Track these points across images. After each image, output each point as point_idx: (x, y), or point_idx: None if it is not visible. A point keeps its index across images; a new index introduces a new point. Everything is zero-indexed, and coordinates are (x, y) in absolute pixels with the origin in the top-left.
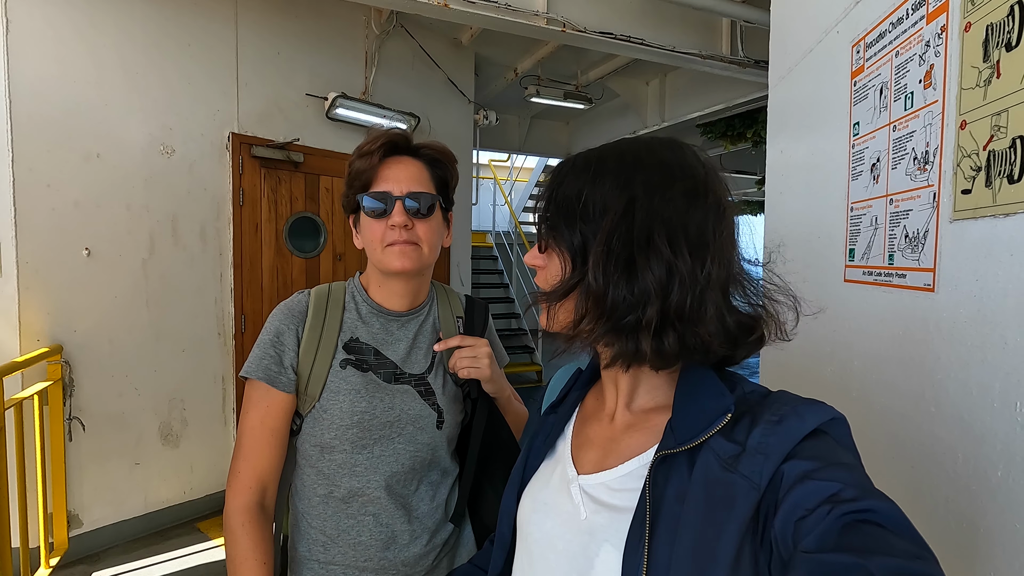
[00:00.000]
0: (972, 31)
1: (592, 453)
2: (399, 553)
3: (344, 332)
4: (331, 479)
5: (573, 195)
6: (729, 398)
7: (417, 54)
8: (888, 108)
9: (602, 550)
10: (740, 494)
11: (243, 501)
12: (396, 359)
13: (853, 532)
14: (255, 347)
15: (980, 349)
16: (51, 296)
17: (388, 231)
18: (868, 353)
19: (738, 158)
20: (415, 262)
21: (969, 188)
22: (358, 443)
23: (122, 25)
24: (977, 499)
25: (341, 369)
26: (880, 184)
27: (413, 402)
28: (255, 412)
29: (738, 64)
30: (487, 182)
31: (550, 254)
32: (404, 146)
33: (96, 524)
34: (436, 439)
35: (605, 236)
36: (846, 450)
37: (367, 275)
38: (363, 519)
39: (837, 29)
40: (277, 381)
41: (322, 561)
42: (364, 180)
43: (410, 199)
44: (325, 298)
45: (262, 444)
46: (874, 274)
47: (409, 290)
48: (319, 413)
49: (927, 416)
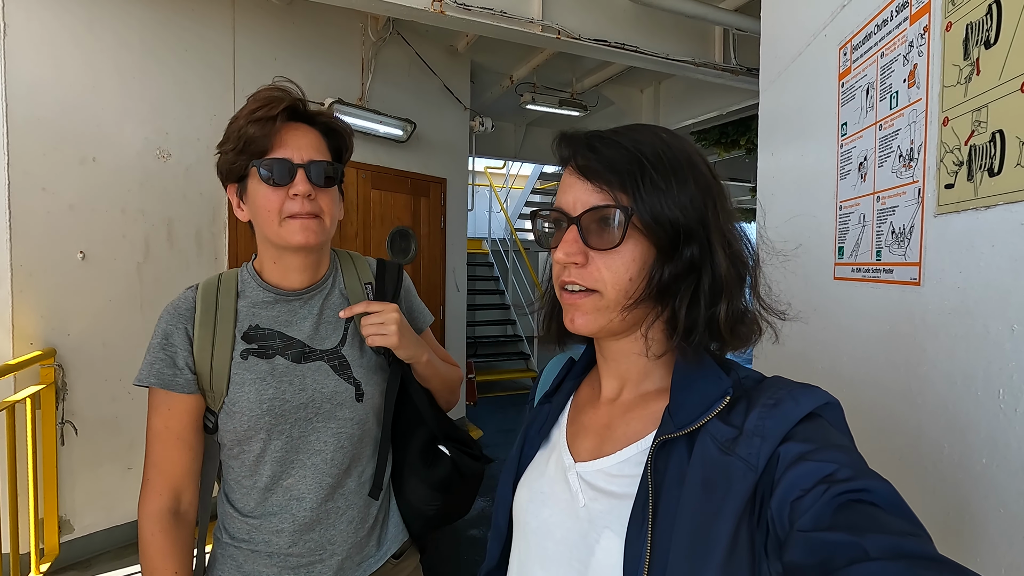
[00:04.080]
0: (953, 30)
1: (588, 441)
2: (324, 533)
3: (241, 321)
4: (253, 469)
5: (671, 180)
6: (726, 381)
7: (413, 61)
8: (874, 108)
9: (603, 536)
10: (737, 476)
11: (153, 508)
12: (303, 337)
13: (848, 511)
14: (146, 352)
15: (964, 339)
16: (45, 299)
17: (288, 202)
18: (857, 348)
19: (732, 166)
20: (318, 235)
21: (952, 183)
22: (274, 430)
23: (119, 30)
24: (962, 487)
25: (243, 360)
26: (867, 182)
27: (327, 379)
28: (157, 418)
29: (731, 72)
30: (483, 189)
31: (626, 243)
32: (303, 112)
33: (88, 530)
34: (360, 413)
35: (713, 217)
36: (840, 432)
37: (260, 255)
38: (287, 503)
39: (825, 33)
40: (173, 384)
41: (246, 549)
42: (259, 147)
43: (312, 168)
44: (215, 290)
45: (169, 449)
46: (862, 270)
47: (308, 264)
48: (229, 407)
49: (913, 408)
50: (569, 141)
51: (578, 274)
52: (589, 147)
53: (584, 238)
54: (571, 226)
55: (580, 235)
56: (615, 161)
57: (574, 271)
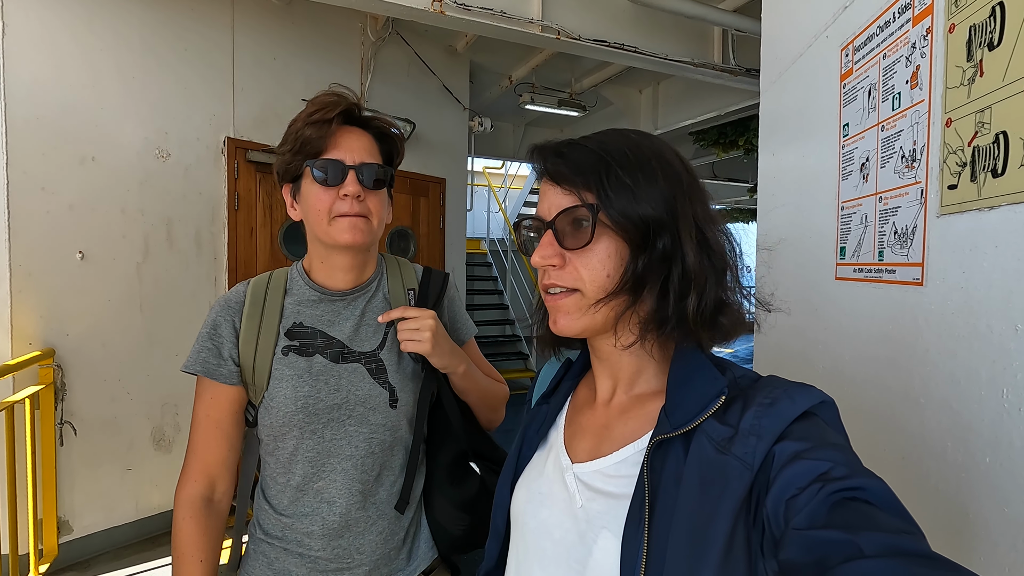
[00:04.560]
0: (956, 32)
1: (585, 441)
2: (354, 540)
3: (286, 318)
4: (287, 466)
5: (637, 176)
6: (722, 380)
7: (413, 61)
8: (876, 109)
9: (600, 537)
10: (733, 475)
11: (187, 494)
12: (342, 338)
13: (843, 509)
14: (195, 341)
15: (967, 339)
16: (44, 299)
17: (338, 202)
18: (859, 348)
19: (730, 166)
20: (366, 236)
21: (955, 183)
22: (306, 428)
23: (118, 29)
24: (966, 486)
25: (284, 356)
26: (869, 183)
27: (362, 382)
28: (200, 406)
29: (730, 72)
30: (481, 189)
31: (599, 240)
32: (357, 116)
33: (87, 530)
34: (392, 419)
35: (683, 209)
36: (836, 431)
37: (309, 254)
38: (318, 506)
39: (826, 34)
40: (217, 373)
41: (278, 546)
42: (315, 148)
43: (363, 170)
44: (264, 286)
45: (208, 437)
46: (865, 271)
47: (355, 265)
48: (268, 402)
49: (916, 407)
50: (540, 152)
51: (557, 275)
52: (557, 154)
53: (559, 240)
54: (547, 230)
55: (556, 238)
56: (580, 163)
57: (553, 273)
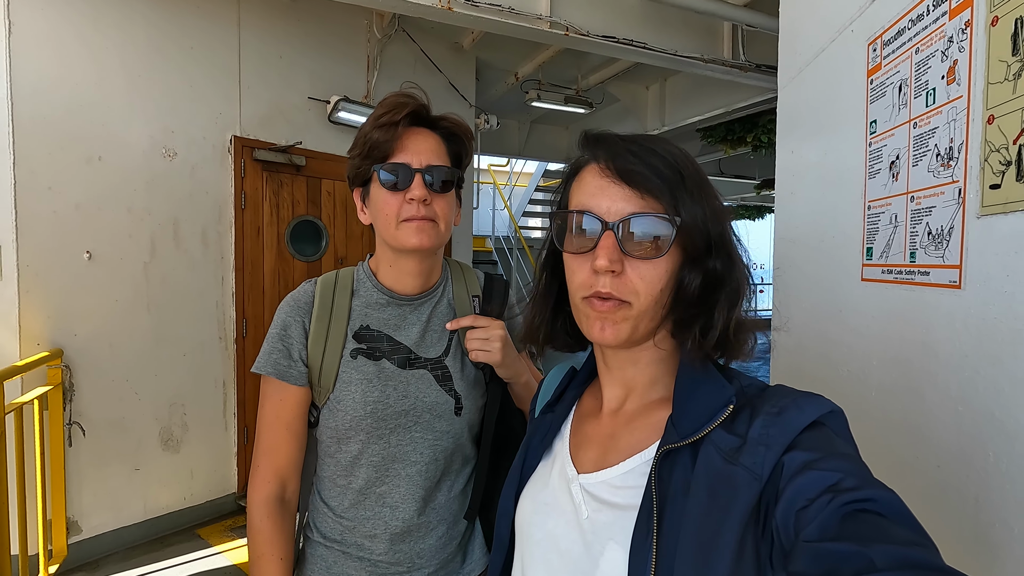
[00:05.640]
0: (999, 25)
1: (591, 452)
2: (414, 545)
3: (353, 320)
4: (349, 470)
5: (703, 192)
6: (730, 389)
7: (418, 58)
8: (908, 105)
9: (607, 548)
10: (742, 485)
11: (263, 495)
12: (409, 343)
13: (854, 521)
14: (265, 341)
15: (1012, 344)
16: (51, 299)
17: (405, 206)
18: (888, 352)
19: (737, 162)
20: (432, 239)
21: (998, 183)
22: (373, 433)
23: (124, 28)
24: (1010, 498)
25: (352, 359)
26: (900, 182)
27: (429, 388)
28: (269, 406)
29: (739, 68)
30: (486, 187)
31: (669, 255)
32: (425, 117)
33: (95, 531)
34: (456, 427)
35: (727, 229)
36: (845, 441)
37: (376, 256)
38: (380, 511)
39: (851, 28)
40: (287, 375)
41: (336, 550)
42: (382, 151)
43: (430, 173)
44: (332, 287)
45: (279, 439)
46: (894, 272)
47: (422, 269)
48: (333, 404)
49: (954, 415)
50: (603, 142)
51: (613, 284)
52: (629, 151)
53: (621, 245)
54: (607, 232)
55: (617, 242)
56: (658, 169)
57: (609, 280)
